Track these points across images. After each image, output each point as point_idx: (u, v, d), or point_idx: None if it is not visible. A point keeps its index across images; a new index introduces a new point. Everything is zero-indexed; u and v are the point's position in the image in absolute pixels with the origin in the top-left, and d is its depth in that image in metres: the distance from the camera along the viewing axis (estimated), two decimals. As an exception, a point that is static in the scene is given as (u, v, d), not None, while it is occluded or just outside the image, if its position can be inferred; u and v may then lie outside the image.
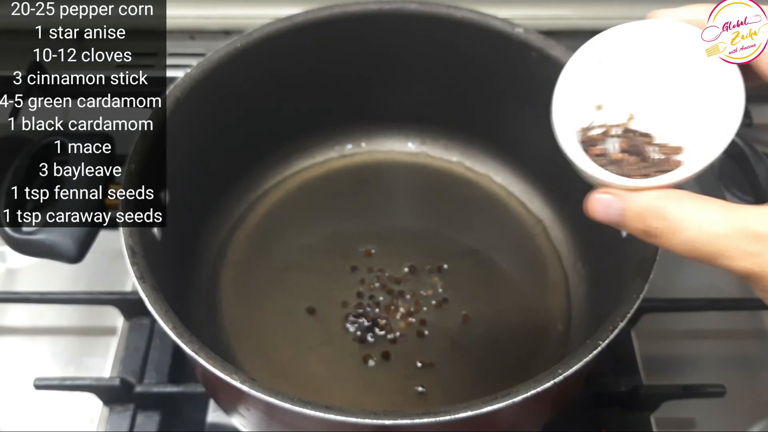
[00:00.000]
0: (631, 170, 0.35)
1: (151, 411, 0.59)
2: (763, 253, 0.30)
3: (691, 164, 0.34)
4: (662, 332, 0.66)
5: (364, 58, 0.65)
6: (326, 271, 0.64)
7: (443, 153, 0.71)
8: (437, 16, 0.61)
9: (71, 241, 0.51)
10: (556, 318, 0.62)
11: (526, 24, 0.59)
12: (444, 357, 0.59)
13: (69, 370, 0.64)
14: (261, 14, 0.74)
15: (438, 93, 0.67)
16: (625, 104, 0.38)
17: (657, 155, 0.36)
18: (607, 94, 0.38)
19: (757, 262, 0.30)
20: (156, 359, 0.61)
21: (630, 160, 0.36)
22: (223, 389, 0.52)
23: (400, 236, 0.66)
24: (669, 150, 0.36)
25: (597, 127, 0.38)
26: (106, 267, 0.67)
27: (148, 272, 0.48)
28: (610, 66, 0.38)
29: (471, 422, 0.43)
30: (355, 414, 0.42)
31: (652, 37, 0.36)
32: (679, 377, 0.62)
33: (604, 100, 0.38)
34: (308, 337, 0.60)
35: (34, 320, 0.67)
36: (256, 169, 0.69)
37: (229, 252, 0.66)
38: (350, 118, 0.71)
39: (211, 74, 0.58)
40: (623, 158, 0.36)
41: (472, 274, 0.64)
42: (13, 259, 0.70)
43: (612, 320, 0.45)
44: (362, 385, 0.58)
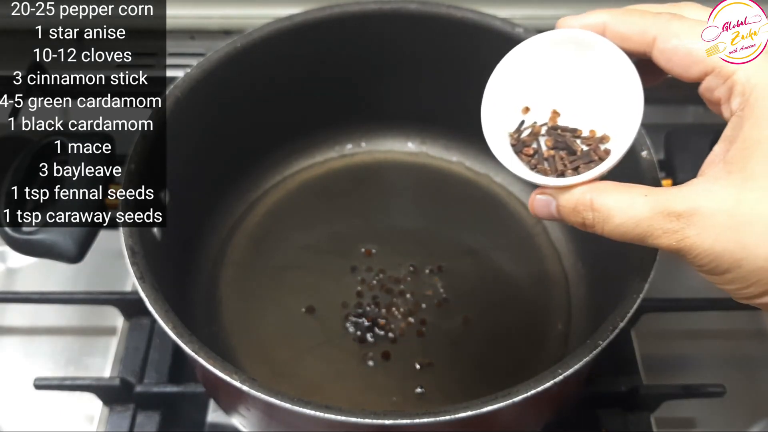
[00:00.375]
0: (562, 165, 0.38)
1: (151, 411, 0.59)
2: (682, 229, 0.32)
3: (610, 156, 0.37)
4: (662, 332, 0.66)
5: (363, 58, 0.65)
6: (326, 271, 0.64)
7: (443, 153, 0.72)
8: (437, 16, 0.61)
9: (71, 241, 0.51)
10: (556, 318, 0.62)
11: (525, 24, 0.60)
12: (443, 357, 0.59)
13: (69, 370, 0.64)
14: (261, 14, 0.74)
15: (438, 93, 0.67)
16: (550, 104, 0.40)
17: (585, 146, 0.38)
18: (531, 97, 0.40)
19: (678, 238, 0.33)
20: (156, 359, 0.61)
21: (560, 155, 0.38)
22: (223, 389, 0.52)
23: (400, 236, 0.66)
24: (595, 141, 0.38)
25: (526, 128, 0.40)
26: (106, 267, 0.67)
27: (148, 272, 0.48)
28: (531, 72, 0.40)
29: (471, 422, 0.43)
30: (355, 414, 0.42)
31: (564, 43, 0.38)
32: (679, 377, 0.62)
33: (530, 102, 0.40)
34: (308, 337, 0.60)
35: (34, 320, 0.67)
36: (256, 168, 0.69)
37: (229, 252, 0.66)
38: (350, 118, 0.71)
39: (211, 74, 0.58)
40: (554, 155, 0.38)
41: (472, 274, 0.64)
42: (13, 258, 0.70)
43: (612, 320, 0.45)
44: (362, 384, 0.58)
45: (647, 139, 0.52)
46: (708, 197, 0.32)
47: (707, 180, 0.33)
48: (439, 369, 0.58)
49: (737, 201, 0.32)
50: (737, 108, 0.33)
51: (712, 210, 0.32)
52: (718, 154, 0.34)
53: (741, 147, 0.32)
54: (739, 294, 0.34)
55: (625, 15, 0.36)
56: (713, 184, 0.33)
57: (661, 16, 0.36)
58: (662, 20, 0.35)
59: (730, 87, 0.33)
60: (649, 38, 0.35)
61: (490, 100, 0.40)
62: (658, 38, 0.35)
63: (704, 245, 0.32)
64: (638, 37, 0.36)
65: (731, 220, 0.32)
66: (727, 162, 0.33)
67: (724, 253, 0.32)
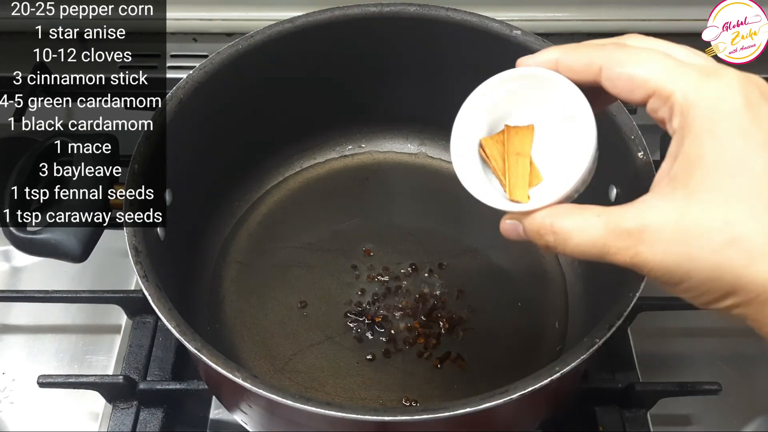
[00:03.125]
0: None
1: (154, 408, 0.59)
2: (634, 246, 0.34)
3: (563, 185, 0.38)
4: (658, 330, 0.66)
5: (364, 60, 0.65)
6: (327, 269, 0.65)
7: (442, 153, 0.72)
8: (436, 18, 0.61)
9: (75, 241, 0.52)
10: (554, 316, 0.62)
11: (523, 26, 0.60)
12: (442, 354, 0.60)
13: (73, 368, 0.64)
14: (263, 16, 0.74)
15: (437, 94, 0.67)
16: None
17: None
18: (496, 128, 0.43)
19: (631, 254, 0.34)
20: (159, 357, 0.62)
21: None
22: (225, 386, 0.52)
23: (399, 235, 0.67)
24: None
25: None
26: (110, 266, 0.68)
27: (152, 271, 0.49)
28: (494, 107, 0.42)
29: (469, 419, 0.43)
30: (356, 410, 0.42)
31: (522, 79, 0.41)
32: (675, 375, 0.62)
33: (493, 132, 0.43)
34: (309, 335, 0.61)
35: (38, 318, 0.67)
36: (258, 169, 0.70)
37: (231, 251, 0.66)
38: (350, 118, 0.71)
39: (213, 76, 0.59)
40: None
41: (471, 273, 0.64)
42: (18, 258, 0.70)
43: (608, 318, 0.46)
44: (362, 381, 0.58)
45: (643, 140, 0.53)
46: (655, 213, 0.34)
47: (654, 196, 0.35)
48: (438, 366, 0.59)
49: (681, 215, 0.33)
50: (678, 126, 0.34)
51: (659, 225, 0.34)
52: (664, 170, 0.35)
53: (683, 163, 0.34)
54: (696, 301, 0.35)
55: (574, 50, 0.39)
56: (659, 200, 0.34)
57: (605, 47, 0.37)
58: (606, 51, 0.37)
59: (670, 107, 0.35)
60: (596, 68, 0.37)
61: (458, 133, 0.42)
62: (604, 67, 0.37)
63: (655, 260, 0.34)
64: (586, 68, 0.38)
65: (677, 233, 0.33)
66: (671, 178, 0.34)
67: (673, 266, 0.34)
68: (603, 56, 0.37)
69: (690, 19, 0.80)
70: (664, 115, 0.35)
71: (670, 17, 0.82)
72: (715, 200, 0.33)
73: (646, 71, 0.35)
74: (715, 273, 0.33)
